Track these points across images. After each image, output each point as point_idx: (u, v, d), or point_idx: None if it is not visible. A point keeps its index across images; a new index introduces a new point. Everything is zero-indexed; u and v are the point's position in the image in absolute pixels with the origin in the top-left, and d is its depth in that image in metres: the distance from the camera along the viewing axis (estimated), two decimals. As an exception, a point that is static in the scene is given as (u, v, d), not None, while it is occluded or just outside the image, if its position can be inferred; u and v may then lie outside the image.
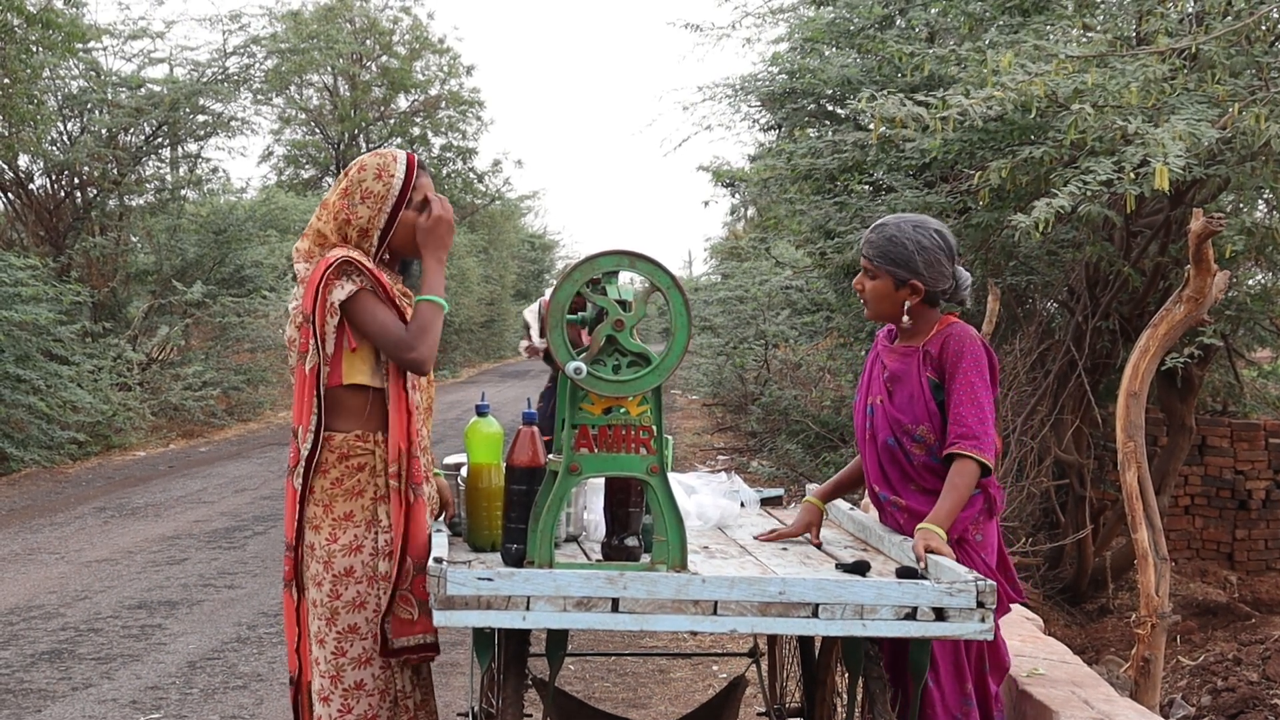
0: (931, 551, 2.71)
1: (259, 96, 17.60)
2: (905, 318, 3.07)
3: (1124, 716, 3.10)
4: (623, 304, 2.54)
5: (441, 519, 3.03)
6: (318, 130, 30.88)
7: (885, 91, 5.92)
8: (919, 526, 2.84)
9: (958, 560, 2.79)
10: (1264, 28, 5.88)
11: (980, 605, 2.43)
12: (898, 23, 8.52)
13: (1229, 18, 5.64)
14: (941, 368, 3.01)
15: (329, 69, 28.68)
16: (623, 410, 2.51)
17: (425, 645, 2.86)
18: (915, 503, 3.01)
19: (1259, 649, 5.58)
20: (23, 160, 14.45)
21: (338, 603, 2.84)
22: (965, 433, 2.93)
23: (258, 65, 16.49)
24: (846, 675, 2.89)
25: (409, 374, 2.89)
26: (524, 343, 8.21)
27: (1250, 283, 7.94)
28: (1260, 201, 7.39)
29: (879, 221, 3.14)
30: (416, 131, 31.36)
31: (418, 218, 2.92)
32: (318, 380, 2.84)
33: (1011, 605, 3.21)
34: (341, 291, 2.79)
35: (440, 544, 2.67)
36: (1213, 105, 5.56)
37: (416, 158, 2.95)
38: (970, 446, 2.91)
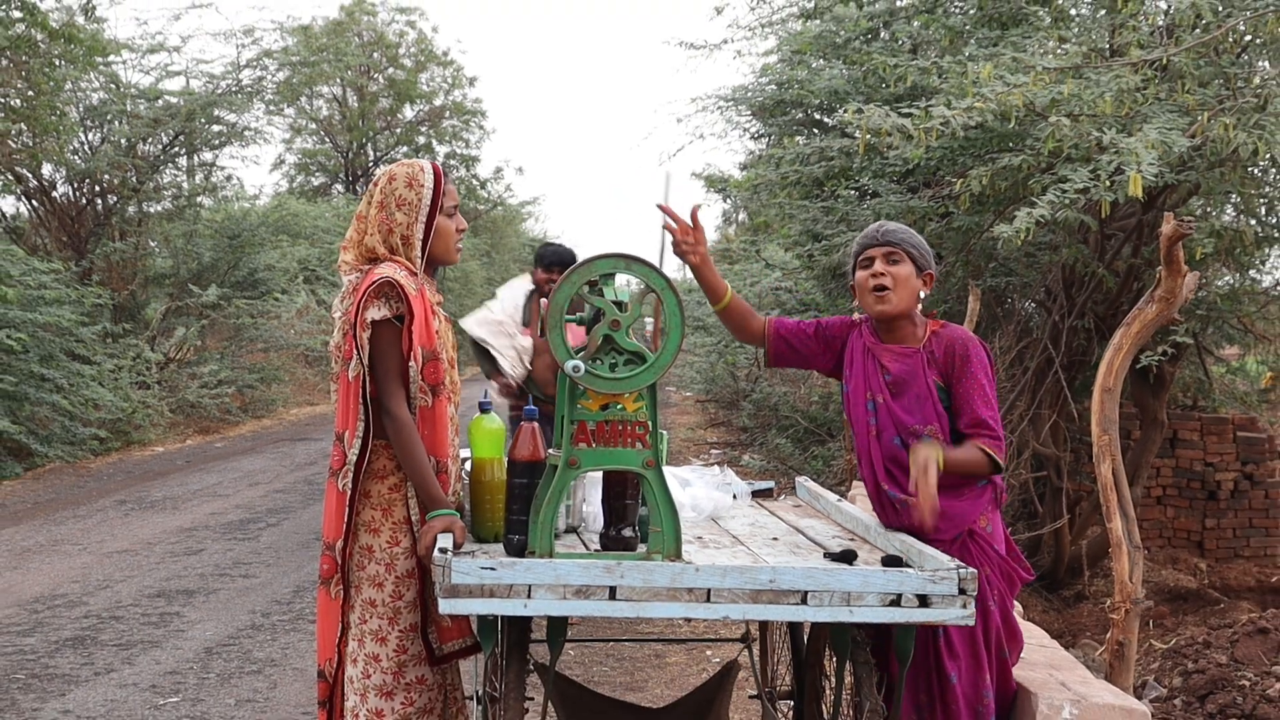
0: (925, 465, 2.76)
1: (271, 107, 17.72)
2: (918, 309, 3.03)
3: (1099, 697, 3.11)
4: (619, 305, 2.59)
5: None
6: (327, 139, 31.02)
7: (871, 103, 5.95)
8: (920, 441, 2.88)
9: (970, 551, 2.92)
10: (1231, 40, 5.91)
11: (962, 592, 2.48)
12: (882, 35, 8.54)
13: (1198, 30, 5.71)
14: (947, 371, 2.99)
15: (338, 81, 28.83)
16: (619, 406, 2.55)
17: (467, 647, 2.99)
18: None
19: (1228, 633, 5.56)
20: (46, 169, 14.56)
21: (400, 603, 2.91)
22: (990, 432, 2.93)
23: (270, 77, 16.68)
24: (835, 659, 2.94)
25: (447, 388, 2.96)
26: (494, 382, 5.62)
27: (1219, 283, 7.94)
28: (1228, 205, 7.45)
29: (879, 223, 3.13)
30: (422, 140, 31.45)
31: (449, 223, 3.02)
32: (362, 388, 2.86)
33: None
34: (375, 312, 2.85)
35: (445, 536, 2.75)
36: (1183, 114, 5.61)
37: (440, 166, 3.03)
38: (990, 443, 2.92)
